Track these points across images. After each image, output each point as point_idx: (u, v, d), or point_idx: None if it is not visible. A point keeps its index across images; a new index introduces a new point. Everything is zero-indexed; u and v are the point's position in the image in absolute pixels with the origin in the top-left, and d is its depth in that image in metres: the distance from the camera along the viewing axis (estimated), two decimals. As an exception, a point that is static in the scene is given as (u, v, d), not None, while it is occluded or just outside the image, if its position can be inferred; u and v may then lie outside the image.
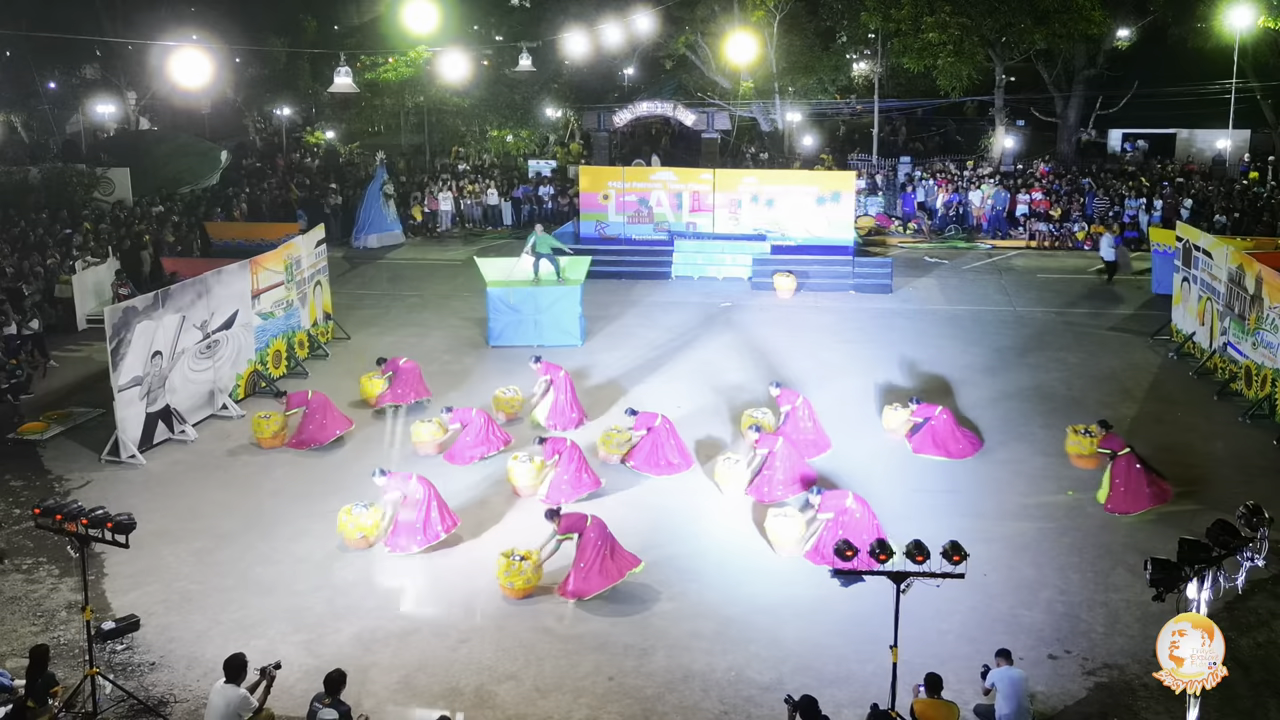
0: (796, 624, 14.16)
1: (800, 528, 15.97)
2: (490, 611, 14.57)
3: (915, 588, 11.66)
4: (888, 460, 19.17)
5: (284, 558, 16.03)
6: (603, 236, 33.77)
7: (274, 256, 24.18)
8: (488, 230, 40.23)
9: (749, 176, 33.90)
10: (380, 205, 37.31)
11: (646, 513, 17.45)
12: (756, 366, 24.28)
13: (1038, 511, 17.35)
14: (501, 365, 24.06)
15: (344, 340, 26.63)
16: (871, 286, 30.98)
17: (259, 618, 14.41)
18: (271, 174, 44.08)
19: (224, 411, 21.70)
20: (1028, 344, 25.86)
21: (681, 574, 15.47)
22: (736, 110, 46.24)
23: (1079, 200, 37.98)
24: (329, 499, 17.48)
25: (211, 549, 16.32)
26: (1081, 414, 20.39)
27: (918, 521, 16.22)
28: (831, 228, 32.49)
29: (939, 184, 40.36)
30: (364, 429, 20.94)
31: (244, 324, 22.68)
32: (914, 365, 24.04)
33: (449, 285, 32.17)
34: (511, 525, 16.99)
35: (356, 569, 15.72)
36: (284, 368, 23.97)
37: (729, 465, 18.03)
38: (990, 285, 31.65)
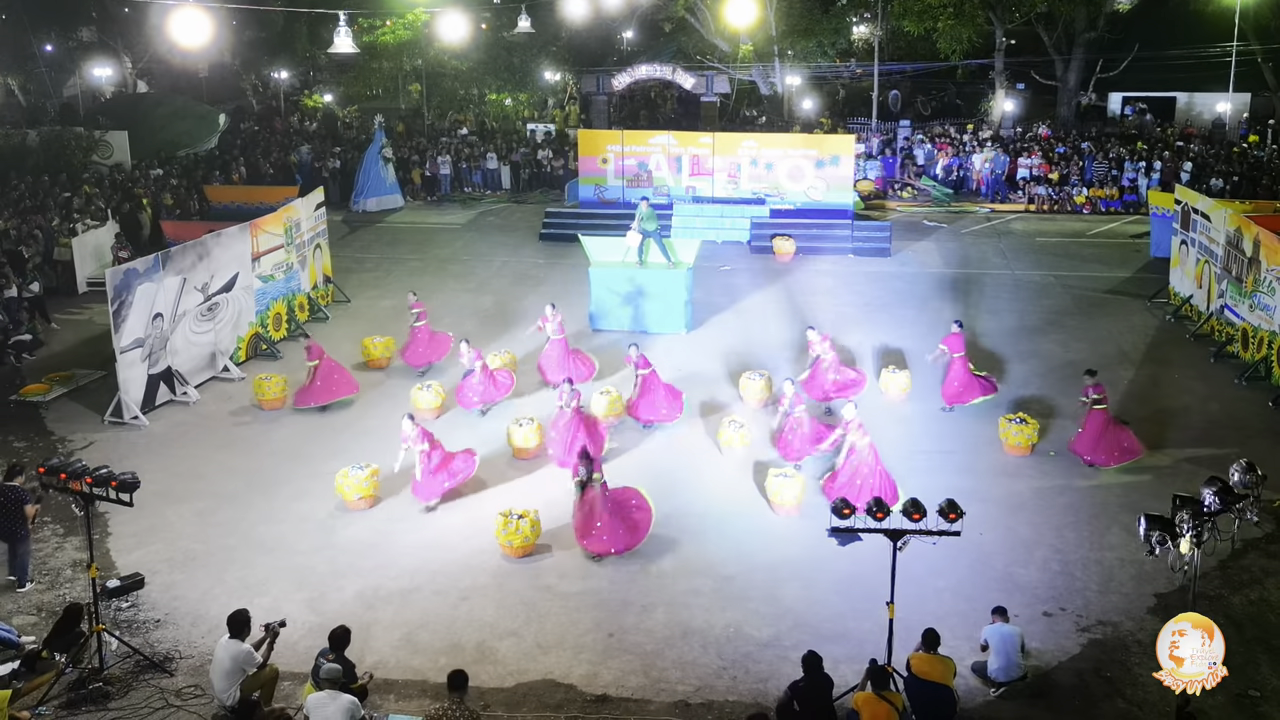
0: (795, 582, 14.30)
1: (801, 486, 16.09)
2: (490, 569, 14.71)
3: (912, 546, 11.80)
4: (886, 421, 19.25)
5: (286, 517, 16.16)
6: (601, 201, 33.70)
7: (274, 219, 24.18)
8: (487, 195, 40.15)
9: (748, 140, 33.82)
10: (379, 169, 37.21)
11: (647, 472, 17.52)
12: (755, 329, 24.34)
13: (1034, 471, 17.46)
14: (505, 329, 24.12)
15: (344, 303, 26.67)
16: (870, 250, 30.98)
17: (262, 576, 14.54)
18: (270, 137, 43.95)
19: (225, 374, 21.76)
20: (1026, 307, 25.90)
21: (681, 532, 15.61)
22: (736, 74, 46.04)
23: (1078, 164, 37.89)
24: (330, 460, 17.58)
25: (214, 509, 16.44)
26: (1078, 376, 20.46)
27: (915, 480, 16.36)
28: (831, 191, 32.46)
29: (939, 148, 40.26)
30: (366, 392, 21.02)
31: (244, 286, 22.71)
32: (911, 328, 24.09)
33: (448, 249, 32.16)
34: (510, 485, 17.10)
35: (357, 529, 15.85)
36: (285, 330, 24.01)
37: (733, 428, 18.12)
38: (989, 249, 31.66)
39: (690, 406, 19.81)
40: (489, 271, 29.72)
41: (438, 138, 43.67)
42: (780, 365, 21.50)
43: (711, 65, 44.96)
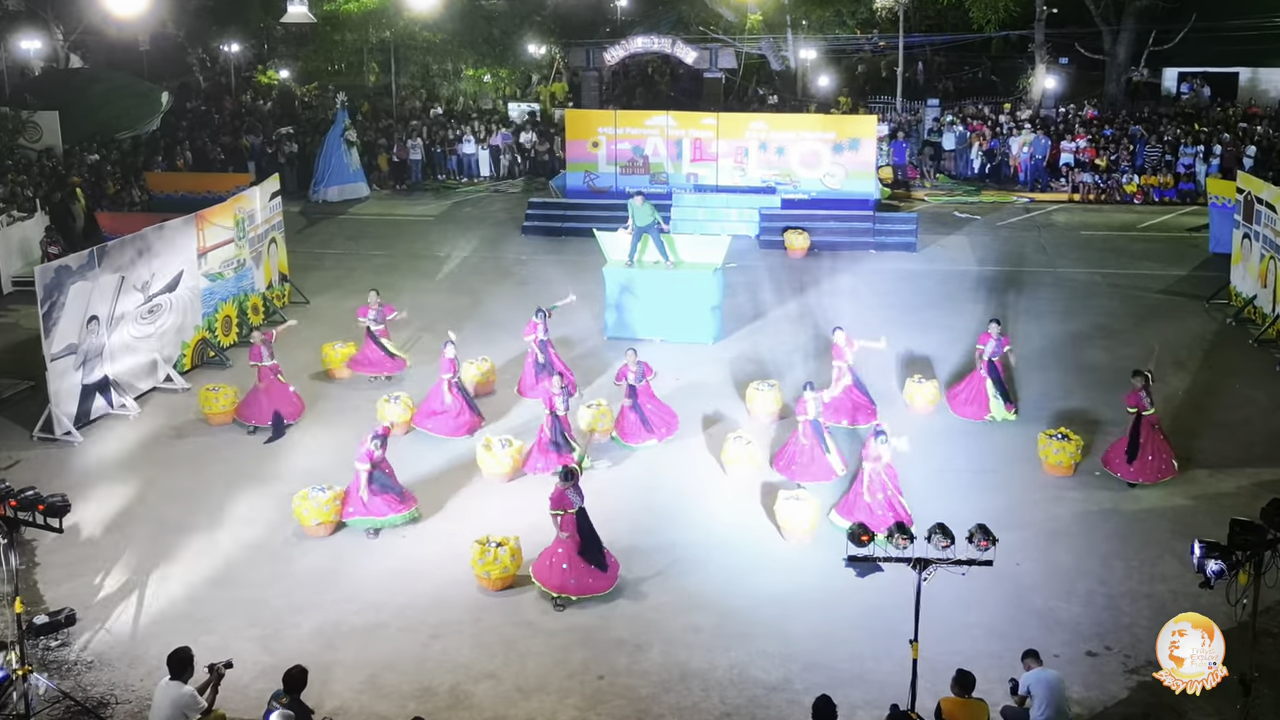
0: (807, 617, 14.36)
1: (815, 510, 16.16)
2: (466, 603, 14.75)
3: (938, 576, 11.82)
4: (912, 436, 19.25)
5: (236, 545, 16.21)
6: (592, 189, 33.79)
7: (223, 210, 24.26)
8: (463, 182, 40.25)
9: (757, 121, 33.92)
10: (342, 154, 37.29)
11: (640, 494, 17.63)
12: (763, 334, 24.43)
13: (1077, 493, 17.55)
14: (484, 334, 24.20)
15: (302, 305, 26.74)
16: (894, 245, 31.08)
17: (209, 611, 14.58)
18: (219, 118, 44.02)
19: (168, 384, 21.81)
20: (1069, 309, 25.99)
21: (680, 562, 15.66)
22: (743, 47, 46.16)
23: (1128, 148, 38.02)
24: (286, 481, 17.65)
25: (156, 535, 16.47)
26: (1127, 385, 20.53)
27: (943, 503, 16.39)
28: (850, 179, 32.57)
29: (971, 129, 40.38)
30: (324, 403, 21.08)
31: (190, 286, 22.77)
32: (941, 333, 24.17)
33: (420, 243, 32.22)
34: (485, 511, 17.15)
35: (316, 558, 15.90)
36: (234, 335, 24.07)
37: (739, 445, 18.20)
38: (1028, 243, 31.75)
39: (690, 420, 19.88)
40: (465, 269, 29.79)
41: (408, 119, 43.77)
42: (792, 374, 21.56)
43: (716, 37, 45.08)
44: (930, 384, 20.58)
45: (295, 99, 49.91)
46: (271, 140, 40.27)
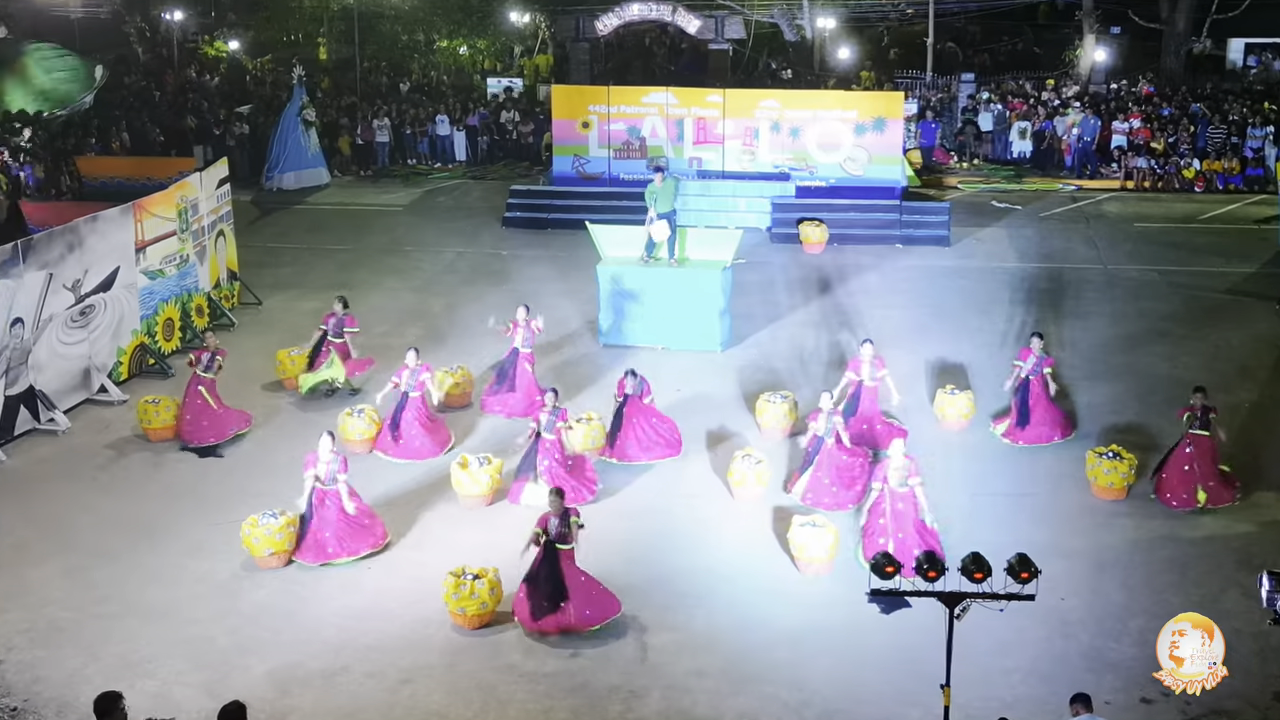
0: (825, 659, 14.37)
1: (834, 538, 16.18)
2: (438, 644, 14.76)
3: (974, 613, 11.83)
4: (944, 455, 19.36)
5: (179, 578, 16.20)
6: (581, 175, 33.81)
7: (164, 199, 24.27)
8: (436, 168, 40.28)
9: (768, 99, 33.95)
10: (299, 136, 37.30)
11: (636, 520, 17.66)
12: (775, 340, 24.52)
13: (1129, 518, 17.60)
14: (461, 340, 24.22)
15: (254, 306, 26.78)
16: (924, 238, 31.14)
17: (148, 653, 14.57)
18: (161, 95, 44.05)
19: (103, 395, 21.83)
20: (1121, 311, 26.05)
21: (682, 597, 15.68)
22: (753, 15, 46.25)
23: (1189, 129, 38.10)
24: (234, 505, 17.65)
25: (87, 567, 16.47)
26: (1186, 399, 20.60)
27: (978, 530, 16.46)
28: (874, 164, 32.62)
29: (1010, 108, 40.45)
30: (279, 417, 21.10)
31: (126, 285, 22.78)
32: (975, 338, 24.22)
33: (387, 237, 32.25)
34: (461, 539, 17.15)
35: (269, 592, 15.90)
36: (177, 340, 24.09)
37: (748, 464, 18.24)
38: (1075, 237, 31.80)
39: (693, 437, 19.90)
40: (438, 266, 29.84)
41: (373, 96, 43.81)
42: (808, 385, 21.59)
43: (723, 4, 45.16)
44: (963, 396, 20.60)
45: (246, 74, 49.95)
46: (219, 120, 40.29)
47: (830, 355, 23.30)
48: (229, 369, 21.01)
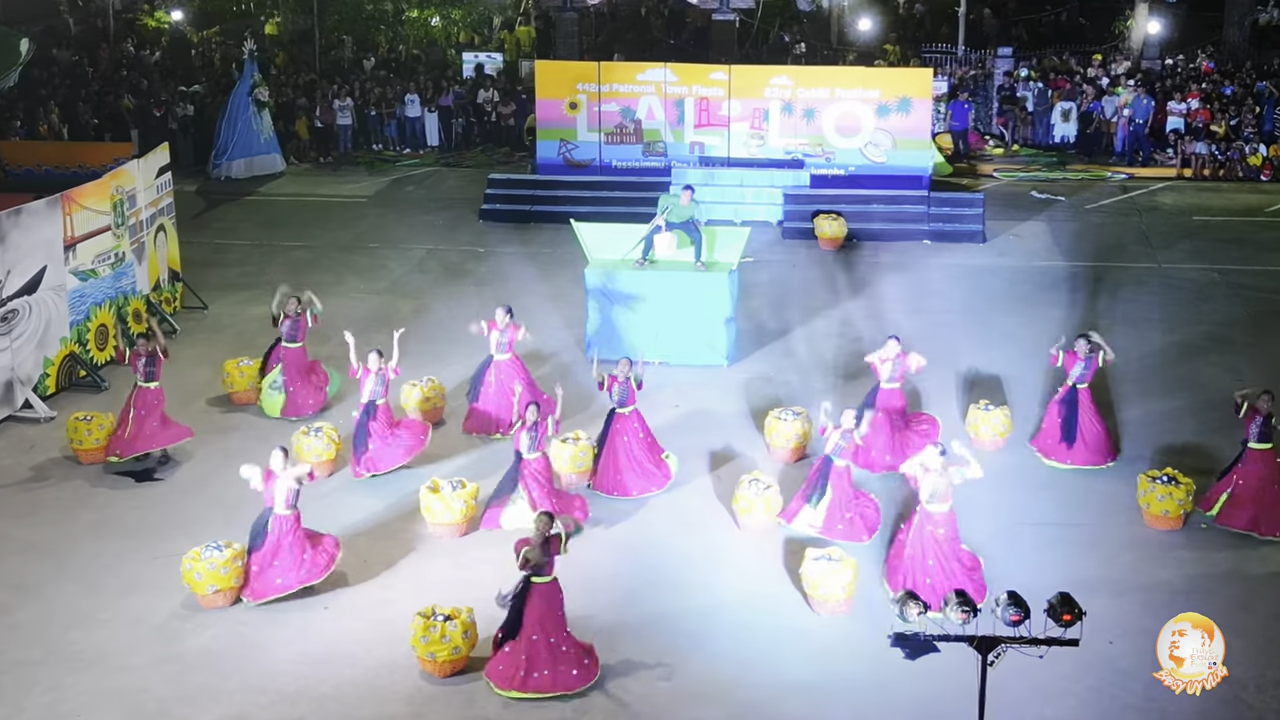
0: (842, 711, 14.34)
1: (853, 573, 16.10)
2: (405, 693, 14.70)
3: (1009, 659, 11.81)
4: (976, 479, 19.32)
5: (112, 619, 16.14)
6: (568, 162, 33.83)
7: (97, 190, 24.24)
8: (404, 154, 40.26)
9: (780, 76, 33.96)
10: (250, 118, 37.30)
11: (631, 553, 17.62)
12: (786, 349, 24.56)
13: (1187, 551, 17.59)
14: (432, 348, 24.20)
15: (199, 311, 26.77)
16: (955, 234, 31.18)
17: (77, 702, 14.52)
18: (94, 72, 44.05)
19: (27, 411, 21.80)
20: (1177, 315, 26.08)
21: (679, 640, 15.63)
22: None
23: (1254, 110, 38.12)
24: (175, 536, 17.60)
25: (10, 606, 16.42)
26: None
27: (1015, 564, 16.48)
28: (898, 149, 32.62)
29: (1053, 86, 40.46)
30: (226, 436, 21.06)
31: (54, 287, 22.75)
32: (1013, 345, 24.20)
33: (350, 232, 32.23)
34: (431, 574, 17.12)
35: (214, 634, 15.84)
36: (110, 349, 24.05)
37: (755, 490, 18.23)
38: (1126, 231, 31.82)
39: (694, 458, 19.87)
40: (407, 265, 29.84)
41: (334, 74, 43.81)
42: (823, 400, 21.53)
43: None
44: (999, 411, 20.57)
45: (191, 48, 49.94)
46: (160, 101, 40.27)
47: (850, 367, 23.23)
48: (169, 381, 20.88)
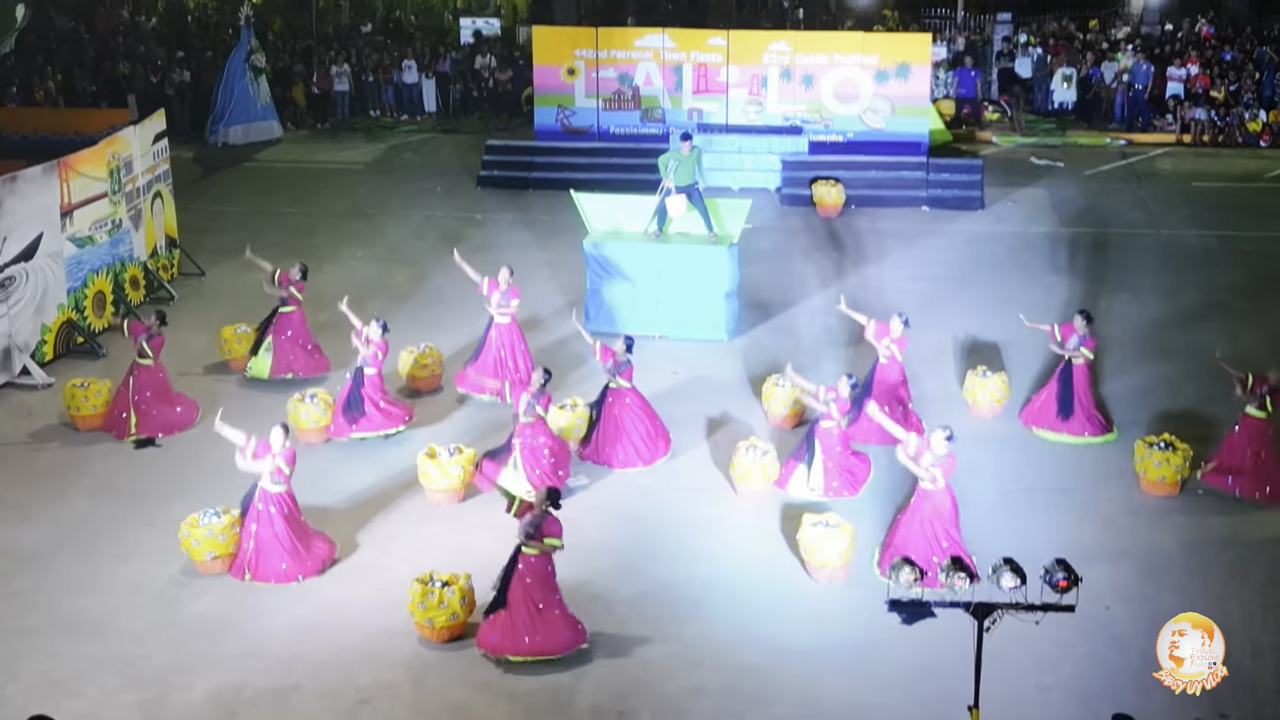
0: (839, 677, 14.37)
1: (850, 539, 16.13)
2: (403, 659, 14.74)
3: (1006, 625, 11.83)
4: (974, 445, 19.34)
5: (109, 585, 16.18)
6: (566, 129, 33.78)
7: (93, 156, 24.20)
8: (402, 120, 40.19)
9: (778, 41, 33.87)
10: (247, 84, 37.21)
11: (628, 520, 17.65)
12: (784, 316, 24.59)
13: (1184, 517, 17.62)
14: (429, 315, 24.21)
15: (196, 277, 26.77)
16: (953, 200, 31.16)
17: (75, 669, 14.55)
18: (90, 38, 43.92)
19: (25, 378, 21.81)
20: (1176, 282, 26.08)
21: (676, 607, 15.68)
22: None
23: (1254, 76, 38.02)
24: (172, 503, 17.63)
25: (6, 573, 16.45)
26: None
27: (1011, 531, 16.52)
28: (897, 116, 32.56)
29: (1052, 52, 40.33)
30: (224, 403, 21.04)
31: (51, 254, 22.72)
32: (1011, 312, 24.10)
33: (347, 199, 32.18)
34: (428, 540, 17.12)
35: (212, 601, 15.88)
36: (109, 317, 24.05)
37: (753, 456, 18.24)
38: (1125, 198, 31.79)
39: (690, 425, 19.89)
40: (404, 231, 29.81)
41: (331, 39, 43.68)
42: (821, 367, 21.58)
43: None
44: (997, 378, 20.57)
45: (187, 13, 49.80)
46: (157, 67, 40.16)
47: (846, 332, 23.21)
48: (166, 348, 20.86)
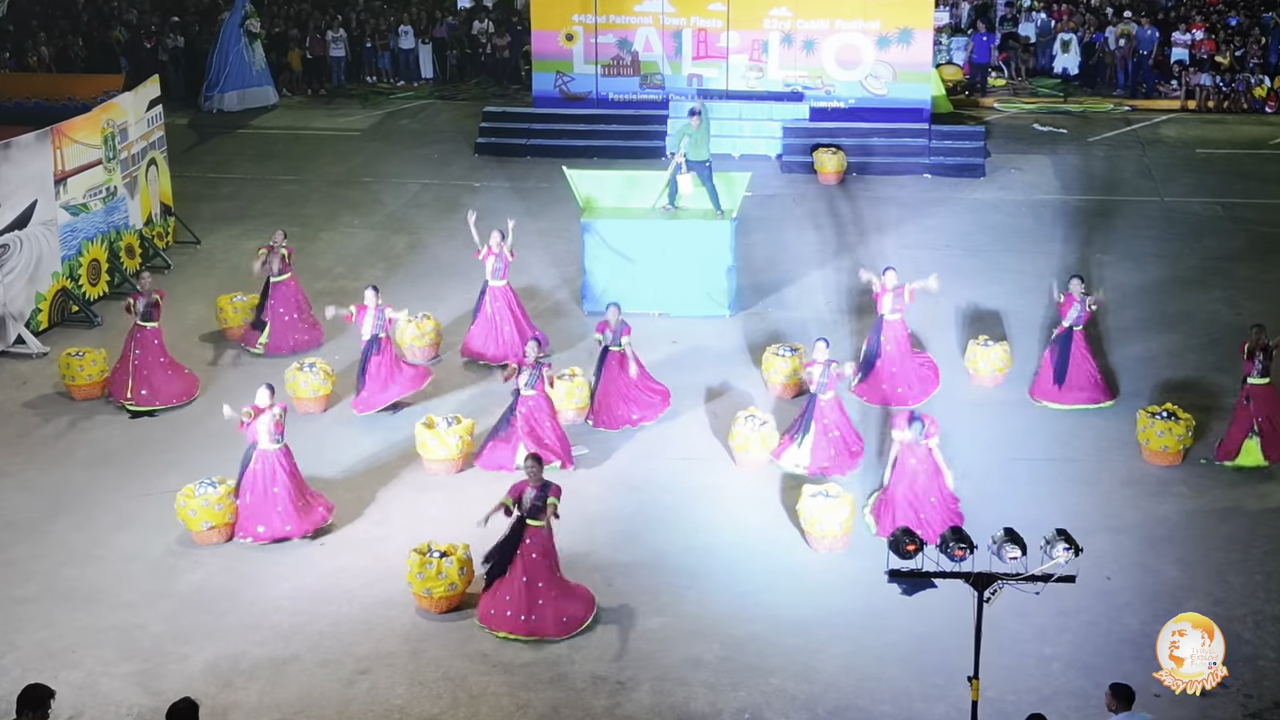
0: (838, 647, 14.42)
1: (850, 510, 16.19)
2: (401, 630, 14.80)
3: (1006, 596, 11.84)
4: (975, 414, 19.38)
5: (106, 555, 16.21)
6: (564, 95, 33.64)
7: (87, 123, 24.15)
8: (398, 86, 40.06)
9: (779, 7, 33.76)
10: (241, 50, 37.08)
11: (628, 490, 17.68)
12: (784, 284, 24.55)
13: (1186, 487, 17.64)
14: (428, 284, 24.18)
15: (191, 245, 26.73)
16: (956, 168, 31.05)
17: (71, 640, 14.60)
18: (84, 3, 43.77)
19: (19, 347, 21.79)
20: (1180, 250, 26.04)
21: (675, 577, 15.72)
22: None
23: (1259, 41, 37.89)
24: (169, 473, 17.66)
25: (3, 543, 16.49)
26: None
27: (1012, 501, 16.54)
28: (899, 82, 32.48)
29: (1055, 16, 40.18)
30: (219, 372, 21.08)
31: (45, 221, 22.68)
32: (1013, 279, 24.19)
33: (343, 166, 32.10)
34: (427, 511, 17.17)
35: (209, 572, 15.92)
36: (104, 285, 24.03)
37: (752, 426, 18.25)
38: (1128, 165, 31.69)
39: (689, 395, 19.89)
40: (401, 199, 29.73)
41: (327, 4, 43.52)
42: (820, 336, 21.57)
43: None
44: (999, 347, 20.58)
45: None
46: (151, 32, 40.02)
47: (847, 300, 23.24)
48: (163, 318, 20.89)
